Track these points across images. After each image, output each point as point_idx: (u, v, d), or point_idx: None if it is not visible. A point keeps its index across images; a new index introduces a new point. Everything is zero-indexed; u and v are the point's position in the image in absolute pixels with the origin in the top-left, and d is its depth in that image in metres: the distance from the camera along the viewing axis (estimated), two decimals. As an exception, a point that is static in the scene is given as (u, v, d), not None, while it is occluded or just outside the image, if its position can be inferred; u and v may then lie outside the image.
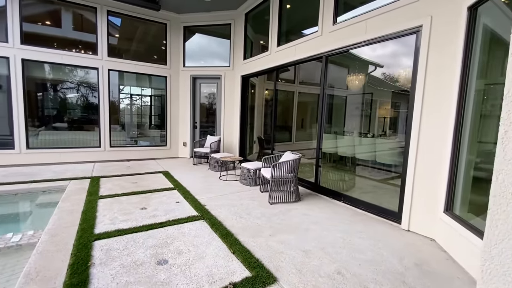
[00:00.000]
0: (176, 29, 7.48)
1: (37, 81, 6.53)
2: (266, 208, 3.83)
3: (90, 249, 2.45)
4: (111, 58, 6.76)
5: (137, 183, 4.89)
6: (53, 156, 6.29)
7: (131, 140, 8.12)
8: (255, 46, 7.00)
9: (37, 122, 6.52)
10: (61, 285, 1.94)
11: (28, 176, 4.99)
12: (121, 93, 7.71)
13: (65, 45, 6.66)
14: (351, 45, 4.01)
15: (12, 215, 4.08)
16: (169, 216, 3.35)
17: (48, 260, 2.26)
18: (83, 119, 7.51)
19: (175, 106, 7.79)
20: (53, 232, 2.77)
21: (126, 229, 2.91)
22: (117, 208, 3.55)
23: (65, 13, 6.75)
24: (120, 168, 6.06)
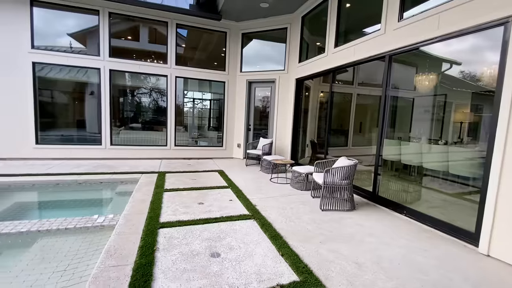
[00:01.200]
0: (235, 37, 7.89)
1: (119, 87, 7.68)
2: (317, 214, 3.72)
3: (155, 236, 2.78)
4: (178, 66, 7.52)
5: (196, 179, 5.31)
6: (129, 152, 7.30)
7: (192, 140, 8.86)
8: (311, 49, 6.90)
9: (118, 122, 7.66)
10: (133, 263, 2.25)
11: (110, 168, 5.91)
12: (185, 97, 8.50)
13: (141, 56, 7.71)
14: (420, 42, 3.62)
15: (98, 200, 4.90)
16: (222, 213, 3.55)
17: (123, 241, 2.65)
18: (153, 120, 8.55)
19: (231, 109, 8.20)
20: (128, 217, 3.23)
21: (185, 221, 3.20)
22: (178, 201, 3.92)
23: (143, 28, 7.81)
24: (182, 166, 6.67)
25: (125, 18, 7.13)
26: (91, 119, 7.54)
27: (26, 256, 2.71)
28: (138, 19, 7.29)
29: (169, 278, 2.10)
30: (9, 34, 6.12)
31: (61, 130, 7.25)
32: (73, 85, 7.64)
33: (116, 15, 6.90)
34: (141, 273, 2.11)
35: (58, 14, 6.74)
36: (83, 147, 6.99)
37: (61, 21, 6.89)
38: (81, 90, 7.73)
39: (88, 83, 7.30)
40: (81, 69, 6.92)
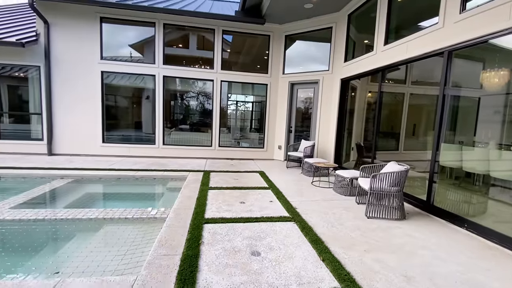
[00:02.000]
0: (278, 39, 7.95)
1: (170, 92, 8.34)
2: (361, 221, 3.54)
3: (201, 230, 2.96)
4: (223, 71, 7.87)
5: (238, 179, 5.49)
6: (179, 152, 7.88)
7: (235, 141, 9.16)
8: (357, 47, 6.59)
9: (169, 124, 8.32)
10: (181, 254, 2.44)
11: (162, 166, 6.46)
12: (228, 100, 8.84)
13: (190, 62, 8.27)
14: (488, 34, 3.20)
15: (151, 194, 5.39)
16: (263, 213, 3.62)
17: (173, 233, 2.89)
18: (200, 122, 9.09)
19: (273, 111, 8.26)
20: (177, 212, 3.50)
21: (228, 218, 3.35)
22: (222, 199, 4.11)
23: (192, 36, 8.37)
24: (225, 165, 6.96)
25: (176, 28, 7.74)
26: (147, 121, 8.36)
27: (94, 240, 3.13)
28: (188, 28, 7.84)
29: (213, 271, 2.23)
30: (86, 48, 7.15)
31: (122, 131, 8.18)
32: (132, 91, 8.58)
33: (169, 26, 7.54)
34: (188, 264, 2.28)
35: (121, 28, 7.62)
36: (139, 146, 7.77)
37: (123, 34, 7.78)
38: (139, 95, 8.63)
39: (144, 88, 8.11)
40: (139, 76, 7.73)
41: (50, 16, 6.89)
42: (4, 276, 2.36)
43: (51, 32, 6.96)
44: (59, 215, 3.45)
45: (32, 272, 2.47)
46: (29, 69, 7.28)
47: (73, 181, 5.19)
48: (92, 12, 7.04)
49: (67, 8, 6.93)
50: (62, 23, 6.99)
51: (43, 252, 2.95)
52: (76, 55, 7.13)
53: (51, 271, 2.47)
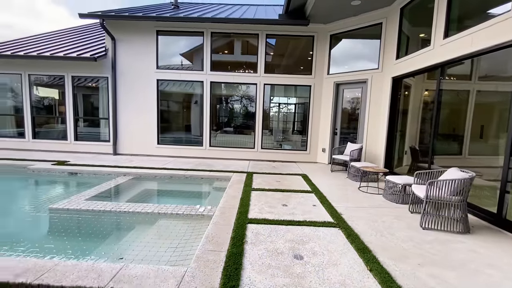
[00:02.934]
0: (322, 39, 7.77)
1: (216, 96, 8.77)
2: (415, 232, 3.25)
3: (244, 229, 3.07)
4: (266, 74, 8.00)
5: (280, 182, 5.50)
6: (223, 153, 8.23)
7: (277, 144, 9.20)
8: (412, 43, 6.06)
9: (215, 127, 8.75)
10: (226, 251, 2.57)
11: (208, 166, 6.83)
12: (271, 102, 8.92)
13: (235, 67, 8.60)
14: None
15: (199, 193, 5.74)
16: (306, 217, 3.57)
17: (219, 230, 3.04)
18: (243, 125, 9.36)
19: (317, 112, 8.08)
20: (222, 210, 3.68)
21: (270, 220, 3.39)
22: (264, 201, 4.18)
23: (236, 42, 8.69)
24: (267, 167, 7.04)
25: (223, 35, 8.12)
26: (195, 124, 8.94)
27: (150, 232, 3.48)
28: (233, 35, 8.17)
29: (256, 270, 2.29)
30: (145, 59, 7.98)
31: (173, 133, 8.88)
32: (182, 96, 9.28)
33: (216, 34, 7.96)
34: (232, 261, 2.38)
35: (173, 39, 8.30)
36: (188, 147, 8.34)
37: (175, 44, 8.46)
38: (188, 100, 9.29)
39: (193, 94, 8.69)
40: (189, 82, 8.31)
41: (117, 32, 7.87)
42: (81, 258, 2.77)
43: (117, 47, 7.94)
44: (122, 208, 3.91)
45: (101, 256, 2.85)
46: (99, 80, 8.42)
47: (133, 178, 5.82)
48: (151, 27, 7.84)
49: (130, 25, 7.84)
50: (126, 38, 7.93)
51: (109, 239, 3.38)
52: (136, 65, 8.01)
53: (116, 256, 2.82)
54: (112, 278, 2.09)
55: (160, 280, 2.10)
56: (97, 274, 2.15)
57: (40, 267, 2.22)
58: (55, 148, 8.44)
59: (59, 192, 5.52)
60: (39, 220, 3.90)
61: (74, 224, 3.67)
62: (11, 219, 3.98)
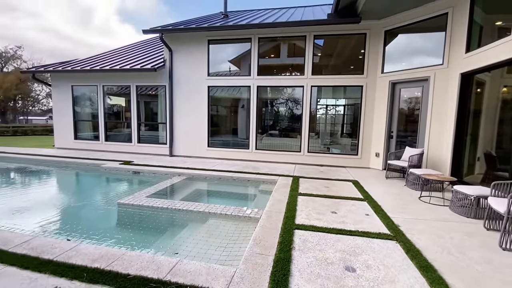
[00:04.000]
0: (376, 36, 7.27)
1: (262, 100, 8.89)
2: (493, 253, 2.77)
3: (292, 235, 3.02)
4: (314, 76, 7.80)
5: (328, 187, 5.29)
6: (269, 156, 8.28)
7: (324, 147, 8.89)
8: (486, 33, 5.26)
9: (260, 130, 8.86)
10: (273, 255, 2.56)
11: (254, 169, 6.94)
12: (318, 104, 8.67)
13: (281, 70, 8.61)
14: None
15: (245, 195, 5.87)
16: (357, 226, 3.35)
17: (266, 234, 3.05)
18: (289, 128, 9.29)
19: (369, 114, 7.56)
20: (268, 214, 3.69)
21: (318, 227, 3.27)
22: (311, 207, 4.06)
23: (283, 45, 8.70)
24: (314, 172, 6.84)
25: (269, 40, 8.22)
26: (242, 127, 9.21)
27: (201, 230, 3.67)
28: (280, 38, 8.21)
29: (304, 278, 2.23)
30: (197, 67, 8.55)
31: (221, 136, 9.28)
32: (230, 101, 9.67)
33: (263, 39, 8.10)
34: (280, 266, 2.36)
35: (222, 46, 8.70)
36: (235, 150, 8.61)
37: (224, 51, 8.86)
38: (236, 104, 9.63)
39: (240, 98, 8.97)
40: (236, 87, 8.61)
41: (173, 44, 8.61)
42: (143, 250, 3.07)
43: (174, 58, 8.67)
44: (177, 206, 4.22)
45: (160, 249, 3.11)
46: (158, 88, 9.31)
47: (186, 178, 6.24)
48: (203, 37, 8.37)
49: (185, 37, 8.50)
50: (181, 49, 8.61)
51: (166, 234, 3.67)
52: (190, 74, 8.62)
53: (172, 251, 3.05)
54: (169, 272, 2.26)
55: (212, 278, 2.20)
56: (156, 266, 2.35)
57: (111, 255, 2.52)
58: (122, 149, 9.57)
59: (125, 188, 6.24)
60: (110, 212, 4.45)
61: (137, 218, 4.08)
62: (89, 211, 4.63)
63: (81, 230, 3.61)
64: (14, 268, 2.25)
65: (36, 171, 7.42)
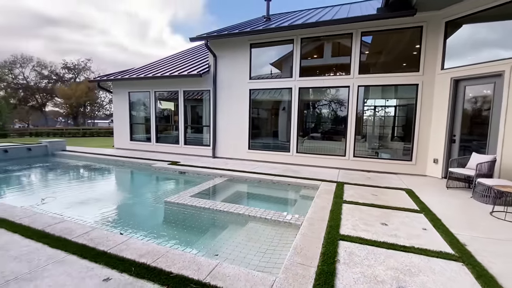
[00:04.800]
0: (434, 28, 6.51)
1: (304, 102, 8.64)
2: None
3: (336, 246, 2.80)
4: (361, 75, 7.31)
5: (377, 196, 4.85)
6: (310, 160, 7.99)
7: (372, 151, 8.25)
8: None
9: (301, 132, 8.61)
10: (316, 267, 2.39)
11: (295, 173, 6.75)
12: (364, 105, 8.11)
13: (324, 71, 8.29)
14: None
15: (285, 200, 5.72)
16: (413, 242, 2.97)
17: (307, 242, 2.89)
18: (332, 130, 8.87)
19: (426, 116, 6.78)
20: (310, 221, 3.51)
21: (366, 240, 2.99)
22: (358, 216, 3.74)
23: (326, 45, 8.36)
24: (360, 178, 6.37)
25: (312, 40, 7.97)
26: (282, 130, 9.09)
27: (241, 233, 3.65)
28: (323, 38, 7.90)
29: (351, 296, 2.02)
30: (240, 71, 8.72)
31: (262, 139, 9.28)
32: (271, 103, 9.64)
33: (306, 39, 7.89)
34: (323, 280, 2.19)
35: (264, 50, 8.72)
36: (276, 153, 8.51)
37: (265, 54, 8.86)
38: (276, 107, 9.56)
39: (281, 100, 8.87)
40: (277, 90, 8.54)
41: (217, 50, 8.92)
42: (184, 248, 3.16)
43: (218, 63, 8.98)
44: (218, 207, 4.29)
45: (200, 249, 3.17)
46: (203, 92, 9.74)
47: (227, 180, 6.36)
48: (245, 41, 8.51)
49: (228, 42, 8.75)
50: (224, 54, 8.88)
51: (207, 235, 3.75)
52: (232, 78, 8.84)
53: (212, 252, 3.08)
54: (209, 274, 2.27)
55: (250, 285, 2.13)
56: (197, 266, 2.38)
57: (157, 252, 2.64)
58: (170, 150, 10.23)
59: (171, 187, 6.62)
60: (157, 210, 4.74)
61: (181, 217, 4.26)
62: (139, 207, 5.00)
63: (131, 225, 3.89)
64: (75, 257, 2.50)
65: (99, 169, 8.34)
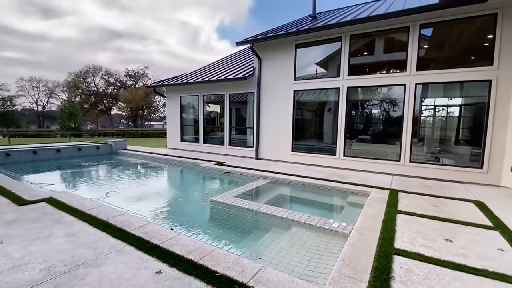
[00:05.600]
0: None
1: (352, 102, 8.15)
2: None
3: (390, 261, 2.54)
4: (419, 72, 6.60)
5: (438, 207, 4.30)
6: (359, 164, 7.50)
7: (431, 156, 7.39)
8: None
9: (349, 134, 8.13)
10: (367, 282, 2.20)
11: (342, 178, 6.39)
12: (422, 105, 7.30)
13: (376, 68, 7.70)
14: None
15: (331, 206, 5.46)
16: (486, 264, 2.54)
17: (357, 254, 2.68)
18: (383, 132, 8.18)
19: (502, 117, 5.80)
20: (360, 231, 3.26)
21: (427, 257, 2.65)
22: (416, 229, 3.36)
23: (378, 41, 7.76)
24: (418, 186, 5.73)
25: (362, 36, 7.49)
26: (327, 131, 8.72)
27: (284, 238, 3.58)
28: (375, 33, 7.35)
29: (409, 321, 1.80)
30: (284, 73, 8.67)
31: (306, 141, 9.04)
32: (316, 104, 9.34)
33: (355, 36, 7.45)
34: (376, 298, 2.00)
35: (309, 49, 8.49)
36: (321, 155, 8.21)
37: (310, 54, 8.62)
38: (321, 108, 9.21)
39: (327, 101, 8.52)
40: (322, 90, 8.23)
41: (262, 52, 9.01)
42: (229, 248, 3.22)
43: (262, 65, 9.06)
44: (261, 209, 4.29)
45: (244, 251, 3.20)
46: (247, 95, 9.92)
47: (270, 182, 6.34)
48: (290, 42, 8.42)
49: (273, 44, 8.76)
50: (269, 56, 8.92)
51: (250, 236, 3.76)
52: (276, 79, 8.82)
53: (255, 254, 3.07)
54: (253, 277, 2.26)
55: (294, 294, 2.06)
56: (241, 268, 2.40)
57: (203, 250, 2.73)
58: (216, 151, 10.66)
59: (216, 187, 6.88)
60: (204, 208, 4.95)
61: (226, 216, 4.37)
62: (187, 205, 5.29)
63: (180, 221, 4.13)
64: (132, 248, 2.73)
65: (153, 167, 9.11)
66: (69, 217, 3.56)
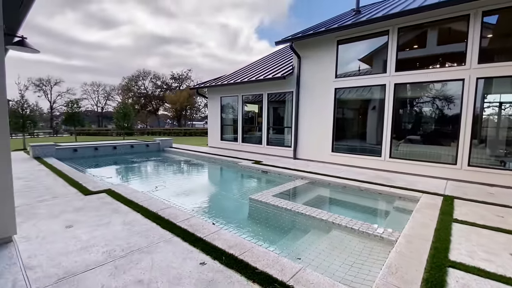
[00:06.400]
0: None
1: (399, 99, 7.57)
2: None
3: (444, 274, 2.33)
4: (481, 65, 5.87)
5: (504, 218, 3.79)
6: (406, 167, 6.94)
7: (495, 160, 6.50)
8: None
9: (396, 135, 7.56)
10: (416, 295, 2.05)
11: (387, 181, 6.00)
12: (485, 102, 6.46)
13: (428, 63, 7.03)
14: None
15: (375, 210, 5.16)
16: None
17: (404, 263, 2.51)
18: (435, 132, 7.42)
19: None
20: (408, 238, 3.04)
21: (489, 272, 2.36)
22: (476, 241, 3.01)
23: (430, 32, 7.06)
24: (478, 193, 5.11)
25: (412, 28, 6.90)
26: (371, 131, 8.23)
27: (325, 240, 3.50)
28: (427, 24, 6.71)
29: None
30: (324, 70, 8.44)
31: (347, 141, 8.66)
32: (359, 103, 8.84)
33: (404, 29, 6.91)
34: (427, 312, 1.85)
35: (352, 45, 8.11)
36: (363, 157, 7.79)
37: (353, 50, 8.22)
38: (365, 106, 8.71)
39: (371, 99, 8.04)
40: (366, 87, 7.79)
41: (301, 51, 8.88)
42: (268, 246, 3.26)
43: (302, 64, 8.93)
44: (299, 209, 4.25)
45: (282, 250, 3.21)
46: (286, 94, 9.87)
47: (308, 183, 6.23)
48: (331, 38, 8.15)
49: (313, 42, 8.57)
50: (309, 54, 8.75)
51: (289, 236, 3.76)
52: (316, 78, 8.62)
53: (294, 255, 3.06)
54: (292, 277, 2.26)
55: (336, 298, 2.01)
56: (280, 267, 2.42)
57: (243, 246, 2.82)
58: (254, 150, 10.83)
59: (254, 185, 6.99)
60: (243, 205, 5.08)
61: (264, 215, 4.43)
62: (227, 201, 5.48)
63: (221, 216, 4.31)
64: (179, 239, 2.94)
65: (196, 164, 9.63)
66: (125, 207, 3.97)
